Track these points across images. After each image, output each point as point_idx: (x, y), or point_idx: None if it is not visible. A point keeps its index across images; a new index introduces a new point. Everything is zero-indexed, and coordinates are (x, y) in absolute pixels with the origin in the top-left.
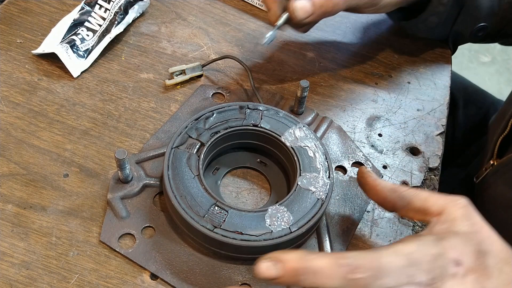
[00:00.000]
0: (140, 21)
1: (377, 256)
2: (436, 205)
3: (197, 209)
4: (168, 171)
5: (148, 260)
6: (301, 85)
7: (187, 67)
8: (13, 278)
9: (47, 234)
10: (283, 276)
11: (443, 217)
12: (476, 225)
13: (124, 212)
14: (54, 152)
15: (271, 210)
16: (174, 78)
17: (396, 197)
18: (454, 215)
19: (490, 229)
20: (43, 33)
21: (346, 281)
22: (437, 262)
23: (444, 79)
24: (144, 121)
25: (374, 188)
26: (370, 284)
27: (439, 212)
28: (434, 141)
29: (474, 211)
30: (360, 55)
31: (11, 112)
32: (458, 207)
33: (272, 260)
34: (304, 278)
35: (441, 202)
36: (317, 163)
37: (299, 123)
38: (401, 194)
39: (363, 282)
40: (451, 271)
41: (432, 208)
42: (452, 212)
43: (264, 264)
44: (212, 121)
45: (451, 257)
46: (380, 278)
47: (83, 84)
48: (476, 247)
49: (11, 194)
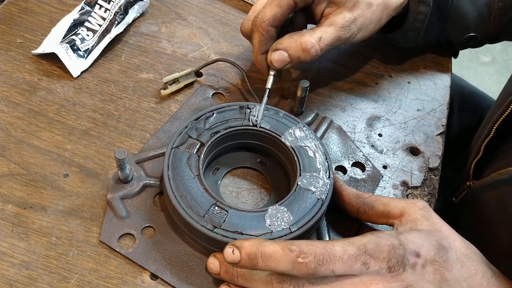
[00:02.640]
0: (140, 21)
1: (328, 244)
2: (397, 208)
3: (197, 209)
4: (168, 171)
5: (148, 260)
6: (301, 85)
7: (180, 75)
8: (13, 278)
9: (47, 234)
10: (242, 261)
11: (404, 219)
12: (436, 224)
13: (124, 212)
14: (54, 152)
15: (271, 210)
16: (168, 87)
17: (360, 202)
18: (414, 216)
19: (449, 228)
20: (43, 33)
21: (294, 264)
22: (395, 251)
23: (444, 79)
24: (144, 121)
25: (341, 193)
26: (317, 268)
27: (400, 214)
28: (434, 141)
29: (433, 213)
30: (360, 55)
31: (11, 112)
32: (417, 209)
33: (233, 246)
34: (258, 261)
35: (401, 205)
36: (317, 163)
37: (299, 123)
38: (365, 199)
39: (310, 266)
40: (411, 260)
41: (393, 211)
42: (412, 213)
43: (228, 250)
44: (212, 121)
45: (410, 249)
46: (327, 263)
47: (83, 84)
48: (436, 243)
49: (11, 194)
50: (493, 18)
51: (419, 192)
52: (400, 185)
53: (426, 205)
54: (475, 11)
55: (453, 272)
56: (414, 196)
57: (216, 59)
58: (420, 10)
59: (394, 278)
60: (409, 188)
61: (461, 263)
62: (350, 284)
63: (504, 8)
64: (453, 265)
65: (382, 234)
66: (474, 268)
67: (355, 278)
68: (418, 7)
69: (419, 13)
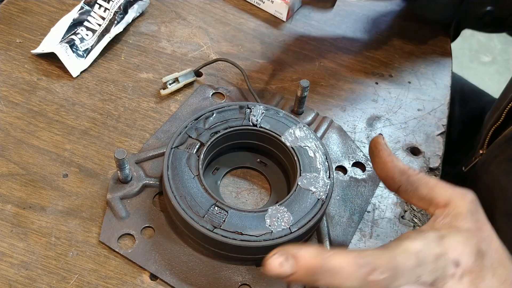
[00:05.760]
0: (139, 21)
1: (392, 255)
2: (443, 196)
3: (197, 209)
4: (167, 171)
5: (147, 260)
6: (301, 85)
7: (179, 74)
8: (12, 279)
9: (46, 234)
10: (297, 274)
11: (447, 210)
12: (479, 221)
13: (124, 212)
14: (54, 152)
15: (271, 210)
16: (168, 87)
17: (404, 180)
18: (460, 209)
19: (490, 227)
20: (43, 32)
21: (366, 282)
22: (439, 262)
23: (444, 78)
24: (144, 121)
25: (385, 164)
26: (388, 285)
27: (445, 204)
28: (435, 141)
29: (480, 207)
30: (361, 54)
31: (10, 112)
32: (465, 202)
33: (284, 255)
34: (320, 277)
35: (448, 194)
36: (317, 163)
37: (299, 123)
38: (410, 178)
39: (383, 284)
40: (450, 271)
41: (438, 199)
42: (458, 206)
43: (276, 259)
44: (212, 121)
45: (451, 258)
46: (397, 279)
47: (83, 84)
48: (476, 247)
49: (11, 194)
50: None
51: None
52: None
53: (475, 198)
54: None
55: (485, 282)
56: None
57: (216, 58)
58: None
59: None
60: None
61: (494, 270)
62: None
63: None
64: (487, 274)
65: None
66: (504, 275)
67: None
68: None
69: None
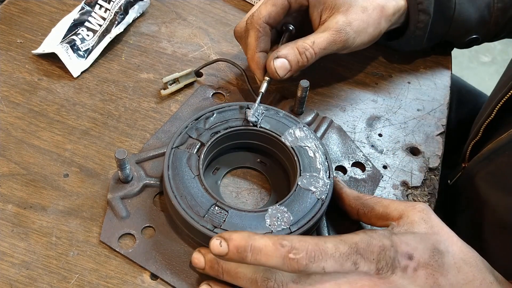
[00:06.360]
0: (140, 21)
1: (320, 241)
2: (396, 210)
3: (197, 209)
4: (168, 171)
5: (148, 260)
6: (301, 85)
7: (180, 75)
8: (13, 278)
9: (47, 234)
10: (229, 253)
11: (402, 221)
12: (434, 227)
13: (124, 212)
14: (54, 152)
15: (271, 210)
16: (168, 87)
17: (360, 204)
18: (413, 218)
19: (449, 231)
20: (43, 33)
21: (285, 260)
22: (385, 253)
23: (444, 79)
24: (144, 121)
25: (340, 195)
26: (308, 265)
27: (398, 217)
28: (434, 141)
29: (433, 215)
30: (360, 55)
31: (11, 112)
32: (416, 211)
33: (220, 238)
34: (247, 255)
35: (401, 208)
36: (317, 163)
37: (299, 123)
38: (365, 201)
39: (301, 263)
40: (402, 263)
41: (392, 213)
42: (411, 215)
43: (216, 241)
44: (212, 121)
45: (403, 250)
46: (318, 261)
47: (83, 84)
48: (432, 246)
49: (11, 194)
50: (493, 19)
51: (419, 192)
52: (400, 185)
53: (427, 207)
54: (476, 13)
55: (448, 277)
56: (414, 196)
57: (216, 59)
58: (420, 19)
59: (382, 280)
60: (409, 188)
61: (458, 268)
62: (335, 284)
63: (503, 9)
64: (449, 270)
65: (375, 234)
66: (472, 274)
67: (341, 278)
68: (418, 16)
69: (419, 21)
